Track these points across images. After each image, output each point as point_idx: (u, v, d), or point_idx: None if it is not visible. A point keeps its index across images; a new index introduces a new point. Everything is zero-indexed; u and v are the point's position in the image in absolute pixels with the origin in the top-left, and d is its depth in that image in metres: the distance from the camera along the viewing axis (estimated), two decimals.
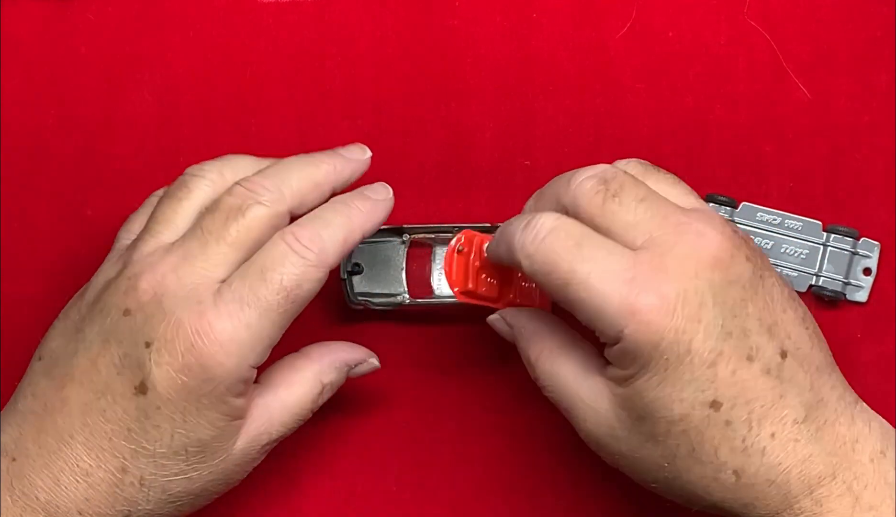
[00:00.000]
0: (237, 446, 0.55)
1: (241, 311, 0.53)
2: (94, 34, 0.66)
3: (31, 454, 0.54)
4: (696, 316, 0.51)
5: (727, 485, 0.52)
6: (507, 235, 0.55)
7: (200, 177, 0.57)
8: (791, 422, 0.52)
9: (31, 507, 0.54)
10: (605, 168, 0.55)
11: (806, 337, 0.54)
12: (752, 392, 0.52)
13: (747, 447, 0.52)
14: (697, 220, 0.53)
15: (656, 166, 0.57)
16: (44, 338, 0.57)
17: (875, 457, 0.53)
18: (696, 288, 0.51)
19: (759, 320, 0.52)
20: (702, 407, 0.52)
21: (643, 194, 0.53)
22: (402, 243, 0.63)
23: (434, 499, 0.64)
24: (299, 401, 0.57)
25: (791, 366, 0.52)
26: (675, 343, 0.51)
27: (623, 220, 0.53)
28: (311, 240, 0.54)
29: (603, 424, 0.54)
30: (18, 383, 0.57)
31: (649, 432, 0.53)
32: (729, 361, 0.51)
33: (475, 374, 0.65)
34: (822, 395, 0.53)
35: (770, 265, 0.55)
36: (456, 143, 0.66)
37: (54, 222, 0.65)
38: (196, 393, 0.53)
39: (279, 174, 0.56)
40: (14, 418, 0.55)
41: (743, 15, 0.66)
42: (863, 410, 0.54)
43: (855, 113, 0.66)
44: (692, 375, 0.51)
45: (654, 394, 0.52)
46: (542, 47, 0.66)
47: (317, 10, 0.67)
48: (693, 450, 0.52)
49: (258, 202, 0.55)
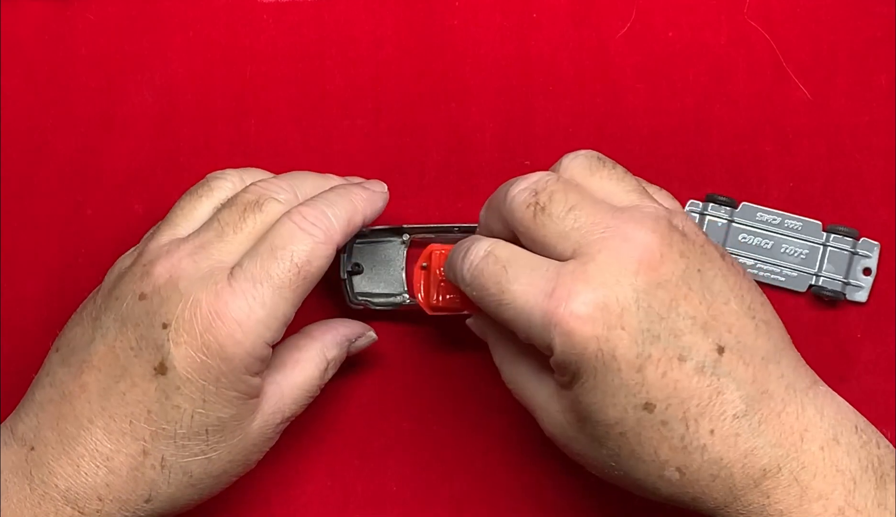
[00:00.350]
0: (254, 426, 0.56)
1: (255, 290, 0.54)
2: (94, 34, 0.66)
3: (50, 442, 0.54)
4: (618, 323, 0.51)
5: (673, 481, 0.53)
6: (453, 262, 0.57)
7: (222, 179, 0.59)
8: (731, 418, 0.52)
9: (51, 496, 0.54)
10: (539, 178, 0.55)
11: (751, 327, 0.53)
12: (687, 391, 0.52)
13: (686, 445, 0.52)
14: (626, 222, 0.53)
15: (603, 160, 0.56)
16: (61, 331, 0.58)
17: (826, 444, 0.52)
18: (618, 294, 0.51)
19: (692, 319, 0.52)
20: (635, 409, 0.52)
21: (573, 202, 0.53)
22: (402, 243, 0.63)
23: (434, 499, 0.64)
24: (308, 378, 0.59)
25: (729, 360, 0.52)
26: (598, 351, 0.51)
27: (553, 233, 0.53)
28: (318, 217, 0.56)
29: (557, 426, 0.55)
30: (35, 375, 0.57)
31: (592, 435, 0.54)
32: (658, 364, 0.52)
33: (475, 374, 0.65)
34: (766, 387, 0.52)
35: (715, 255, 0.54)
36: (456, 143, 0.66)
37: (54, 222, 0.65)
38: (215, 372, 0.54)
39: (293, 179, 0.58)
40: (32, 408, 0.56)
41: (743, 15, 0.66)
42: (817, 396, 0.53)
43: (855, 113, 0.66)
44: (621, 380, 0.52)
45: (589, 400, 0.53)
46: (542, 47, 0.66)
47: (317, 10, 0.67)
48: (634, 451, 0.53)
49: (274, 198, 0.56)
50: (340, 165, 0.65)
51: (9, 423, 0.56)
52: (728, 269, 0.54)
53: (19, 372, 0.64)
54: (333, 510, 0.64)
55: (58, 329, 0.64)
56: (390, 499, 0.64)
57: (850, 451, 0.52)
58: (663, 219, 0.53)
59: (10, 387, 0.64)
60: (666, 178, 0.65)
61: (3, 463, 0.55)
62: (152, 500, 0.55)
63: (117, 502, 0.54)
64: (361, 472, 0.64)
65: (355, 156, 0.66)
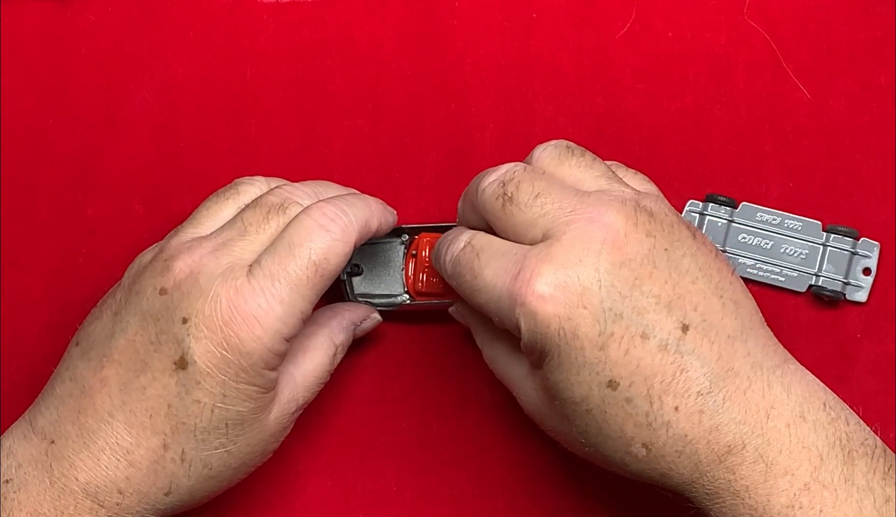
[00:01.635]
0: (270, 417, 0.57)
1: (273, 286, 0.54)
2: (94, 34, 0.66)
3: (71, 435, 0.55)
4: (580, 301, 0.52)
5: (640, 457, 0.53)
6: (437, 254, 0.58)
7: (250, 184, 0.59)
8: (695, 395, 0.52)
9: (70, 488, 0.54)
10: (507, 169, 0.56)
11: (718, 306, 0.54)
12: (650, 368, 0.52)
13: (651, 422, 0.52)
14: (592, 204, 0.54)
15: (573, 148, 0.57)
16: (81, 326, 0.58)
17: (793, 421, 0.52)
18: (580, 274, 0.52)
19: (656, 298, 0.53)
20: (599, 387, 0.53)
21: (538, 190, 0.54)
22: (402, 244, 0.63)
23: (434, 499, 0.64)
24: (319, 364, 0.59)
25: (693, 338, 0.53)
26: (560, 329, 0.52)
27: (522, 221, 0.55)
28: (337, 215, 0.56)
29: (532, 403, 0.57)
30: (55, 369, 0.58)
31: (561, 412, 0.54)
32: (621, 341, 0.52)
33: (475, 374, 0.65)
34: (731, 365, 0.53)
35: (685, 235, 0.54)
36: (456, 143, 0.66)
37: (54, 222, 0.65)
38: (235, 367, 0.54)
39: (317, 186, 0.59)
40: (52, 402, 0.56)
41: (743, 15, 0.66)
42: (786, 373, 0.54)
43: (855, 113, 0.66)
44: (584, 358, 0.52)
45: (555, 378, 0.53)
46: (542, 47, 0.66)
47: (317, 10, 0.67)
48: (600, 427, 0.53)
49: (297, 202, 0.57)
50: (340, 165, 0.66)
51: (28, 416, 0.57)
52: (698, 249, 0.54)
53: (19, 372, 0.64)
54: (333, 510, 0.64)
55: (58, 329, 0.64)
56: (390, 499, 0.64)
57: (817, 428, 0.52)
58: (630, 200, 0.54)
59: (10, 387, 0.64)
60: (666, 178, 0.65)
61: (23, 455, 0.55)
62: (172, 493, 0.55)
63: (137, 495, 0.55)
64: (361, 472, 0.64)
65: (355, 156, 0.66)
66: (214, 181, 0.65)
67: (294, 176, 0.65)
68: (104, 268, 0.65)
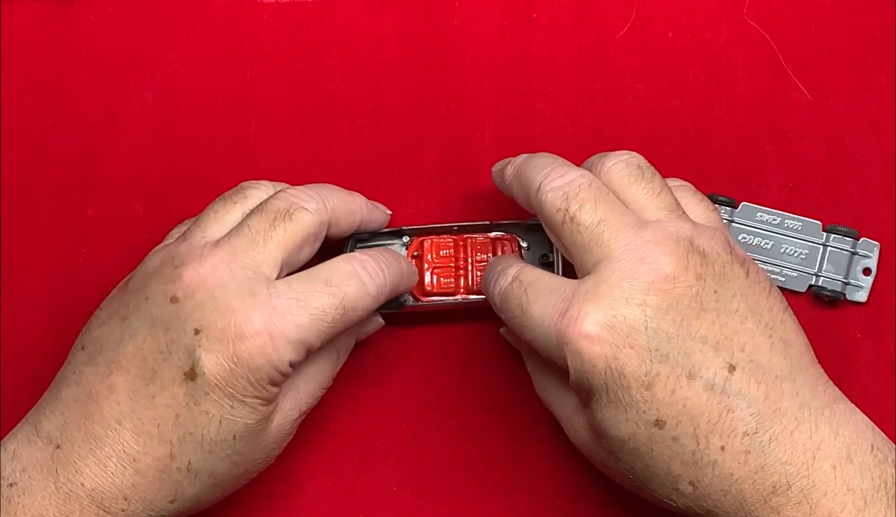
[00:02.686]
0: (273, 425, 0.57)
1: (295, 310, 0.55)
2: (94, 34, 0.66)
3: (77, 441, 0.55)
4: (626, 341, 0.52)
5: (687, 494, 0.54)
6: (486, 286, 0.59)
7: (256, 188, 0.59)
8: (741, 435, 0.53)
9: (76, 494, 0.54)
10: (572, 179, 0.56)
11: (767, 346, 0.54)
12: (696, 408, 0.53)
13: (697, 461, 0.53)
14: (647, 242, 0.54)
15: (644, 169, 0.57)
16: (85, 328, 0.58)
17: (838, 463, 0.53)
18: (626, 314, 0.53)
19: (703, 338, 0.53)
20: (646, 426, 0.53)
21: (600, 216, 0.55)
22: (403, 245, 0.63)
23: (434, 499, 0.64)
24: (321, 370, 0.59)
25: (740, 379, 0.53)
26: (607, 368, 0.53)
27: (578, 243, 0.55)
28: (376, 272, 0.57)
29: (580, 438, 0.57)
30: (59, 371, 0.58)
31: (608, 449, 0.55)
32: (667, 382, 0.53)
33: (475, 375, 0.65)
34: (779, 405, 0.53)
35: (737, 275, 0.55)
36: (456, 143, 0.66)
37: (54, 222, 0.65)
38: (243, 380, 0.54)
39: (322, 190, 0.59)
40: (57, 406, 0.56)
41: (743, 15, 0.66)
42: (834, 414, 0.54)
43: (855, 113, 0.66)
44: (631, 397, 0.53)
45: (602, 416, 0.54)
46: (542, 47, 0.66)
47: (317, 10, 0.67)
48: (647, 465, 0.54)
49: (304, 208, 0.57)
50: (340, 165, 0.66)
51: (32, 419, 0.56)
52: (749, 288, 0.55)
53: (19, 372, 0.64)
54: (333, 510, 0.64)
55: (58, 329, 0.64)
56: (390, 499, 0.64)
57: (863, 470, 0.53)
58: (684, 241, 0.54)
59: (10, 386, 0.64)
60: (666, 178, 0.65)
61: (28, 459, 0.55)
62: (177, 501, 0.55)
63: (142, 502, 0.55)
64: (361, 472, 0.64)
65: (355, 156, 0.66)
66: (214, 181, 0.65)
67: (294, 175, 0.65)
68: (104, 268, 0.65)
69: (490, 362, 0.65)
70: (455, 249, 0.63)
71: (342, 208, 0.59)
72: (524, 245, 0.63)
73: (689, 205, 0.58)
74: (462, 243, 0.63)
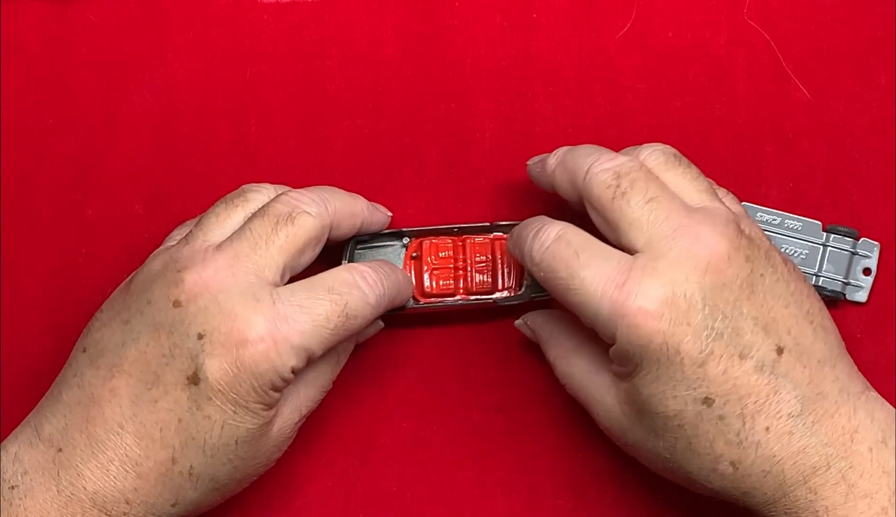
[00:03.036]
0: (274, 429, 0.57)
1: (298, 316, 0.55)
2: (94, 34, 0.66)
3: (79, 444, 0.55)
4: (685, 319, 0.53)
5: (726, 475, 0.54)
6: (521, 241, 0.58)
7: (258, 192, 0.59)
8: (786, 416, 0.53)
9: (78, 498, 0.54)
10: (622, 162, 0.56)
11: (809, 331, 0.55)
12: (745, 388, 0.53)
13: (742, 440, 0.53)
14: (699, 222, 0.54)
15: (680, 158, 0.58)
16: (86, 330, 0.58)
17: (875, 446, 0.54)
18: (686, 291, 0.53)
19: (754, 319, 0.54)
20: (694, 403, 0.53)
21: (651, 194, 0.55)
22: (403, 246, 0.63)
23: (434, 499, 0.64)
24: (321, 375, 0.59)
25: (787, 361, 0.54)
26: (663, 344, 0.53)
27: (628, 219, 0.55)
28: (377, 282, 0.58)
29: (613, 419, 0.57)
30: (60, 373, 0.58)
31: (650, 426, 0.55)
32: (720, 360, 0.53)
33: (475, 375, 0.65)
34: (821, 389, 0.54)
35: (778, 261, 0.56)
36: (456, 143, 0.66)
37: (54, 222, 0.65)
38: (246, 386, 0.54)
39: (323, 192, 0.59)
40: (59, 408, 0.56)
41: (743, 15, 0.66)
42: (868, 400, 0.55)
43: (855, 113, 0.66)
44: (683, 374, 0.53)
45: (649, 391, 0.54)
46: (542, 47, 0.66)
47: (317, 10, 0.66)
48: (690, 443, 0.54)
49: (305, 211, 0.57)
50: (340, 166, 0.66)
51: (33, 422, 0.56)
52: (789, 275, 0.56)
53: (19, 372, 0.64)
54: (333, 510, 0.64)
55: (58, 329, 0.64)
56: (390, 499, 0.64)
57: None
58: (732, 222, 0.55)
59: (10, 387, 0.64)
60: None
61: (29, 462, 0.55)
62: (178, 504, 0.56)
63: (144, 506, 0.55)
64: (361, 473, 0.64)
65: (355, 156, 0.66)
66: (214, 181, 0.65)
67: (294, 176, 0.65)
68: (104, 268, 0.65)
69: (490, 363, 0.65)
70: (454, 250, 0.63)
71: (343, 211, 0.59)
72: None
73: (719, 194, 0.59)
74: (461, 244, 0.63)
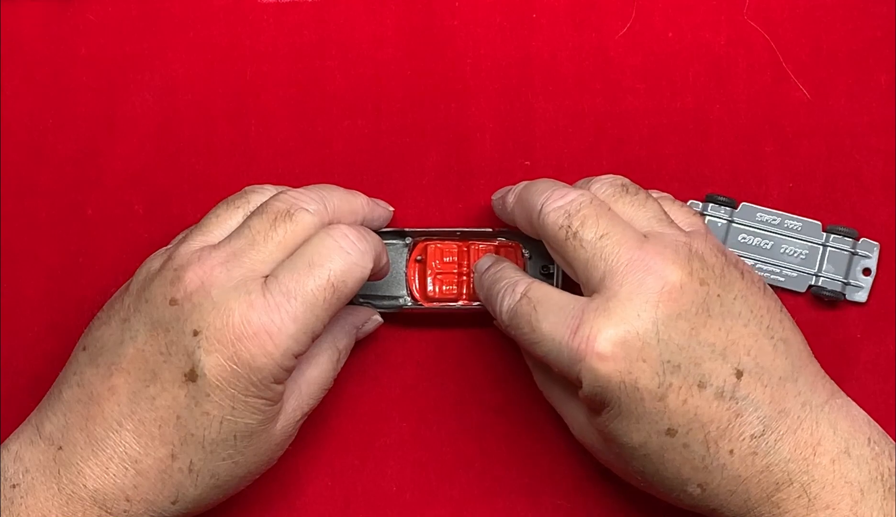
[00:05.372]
0: (276, 426, 0.57)
1: (289, 304, 0.54)
2: (94, 34, 0.66)
3: (79, 443, 0.55)
4: (640, 356, 0.53)
5: (694, 495, 0.55)
6: (492, 299, 0.59)
7: (260, 193, 0.59)
8: (749, 438, 0.54)
9: (79, 495, 0.54)
10: (572, 198, 0.56)
11: (770, 348, 0.55)
12: (707, 416, 0.54)
13: (707, 465, 0.54)
14: (650, 253, 0.54)
15: (628, 186, 0.58)
16: (87, 329, 0.58)
17: (837, 457, 0.54)
18: (639, 329, 0.53)
19: (711, 346, 0.54)
20: (658, 435, 0.54)
21: (602, 230, 0.55)
22: (405, 246, 0.63)
23: (434, 499, 0.64)
24: (323, 371, 0.60)
25: (748, 383, 0.54)
26: (621, 384, 0.53)
27: (582, 259, 0.55)
28: (359, 238, 0.56)
29: (586, 437, 0.58)
30: (61, 372, 0.58)
31: (618, 453, 0.56)
32: (679, 392, 0.53)
33: (475, 375, 0.65)
34: (783, 406, 0.54)
35: (735, 277, 0.56)
36: (456, 143, 0.66)
37: (54, 222, 0.65)
38: (244, 381, 0.54)
39: (322, 190, 0.59)
40: (59, 407, 0.56)
41: (743, 15, 0.66)
42: (832, 409, 0.55)
43: (855, 113, 0.66)
44: (644, 409, 0.54)
45: (614, 426, 0.55)
46: (542, 47, 0.66)
47: (317, 10, 0.66)
48: (657, 470, 0.55)
49: (304, 208, 0.57)
50: (340, 165, 0.66)
51: (34, 421, 0.57)
52: (748, 289, 0.56)
53: (19, 372, 0.64)
54: (333, 510, 0.64)
55: (58, 329, 0.64)
56: (390, 499, 0.64)
57: (861, 463, 0.54)
58: (683, 246, 0.55)
59: (10, 386, 0.64)
60: (666, 178, 0.65)
61: (30, 461, 0.55)
62: (178, 502, 0.56)
63: (144, 503, 0.55)
64: (361, 473, 0.64)
65: (355, 156, 0.66)
66: (214, 181, 0.65)
67: (294, 176, 0.65)
68: (104, 268, 0.65)
69: (490, 363, 0.65)
70: (459, 256, 0.63)
71: (343, 208, 0.59)
72: (526, 254, 0.63)
73: (672, 212, 0.59)
74: (465, 250, 0.63)
